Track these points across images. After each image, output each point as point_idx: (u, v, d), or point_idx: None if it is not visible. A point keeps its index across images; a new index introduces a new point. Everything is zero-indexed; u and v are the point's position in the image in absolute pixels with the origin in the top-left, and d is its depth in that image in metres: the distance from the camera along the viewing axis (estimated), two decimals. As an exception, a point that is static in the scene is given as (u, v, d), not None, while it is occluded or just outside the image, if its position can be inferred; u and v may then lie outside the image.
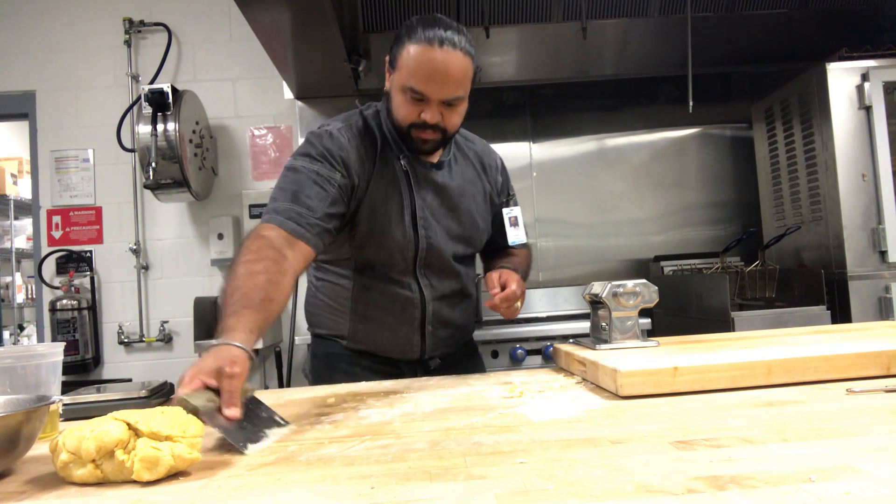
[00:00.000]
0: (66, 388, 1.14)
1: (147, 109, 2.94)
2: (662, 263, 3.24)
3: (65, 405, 1.09)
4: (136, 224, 3.35)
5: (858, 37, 2.87)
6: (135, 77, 3.38)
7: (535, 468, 0.67)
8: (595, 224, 3.45)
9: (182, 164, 2.96)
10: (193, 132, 3.09)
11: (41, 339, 3.39)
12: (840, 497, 0.54)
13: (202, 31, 3.41)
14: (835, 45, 2.75)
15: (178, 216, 3.37)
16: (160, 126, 2.93)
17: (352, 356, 1.48)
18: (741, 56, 3.28)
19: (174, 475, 0.72)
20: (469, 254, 1.54)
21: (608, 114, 3.49)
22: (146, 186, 3.02)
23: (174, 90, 2.99)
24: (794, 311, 2.47)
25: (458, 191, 1.48)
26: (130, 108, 3.29)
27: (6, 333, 4.89)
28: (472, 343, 1.67)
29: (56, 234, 3.35)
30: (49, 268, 3.32)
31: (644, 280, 1.27)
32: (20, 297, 5.45)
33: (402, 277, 1.43)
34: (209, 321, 3.16)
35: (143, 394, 1.14)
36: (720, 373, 1.01)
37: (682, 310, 2.76)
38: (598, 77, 3.39)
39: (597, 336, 1.33)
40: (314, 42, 2.59)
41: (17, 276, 5.38)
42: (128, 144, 3.27)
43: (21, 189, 5.05)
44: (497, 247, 1.61)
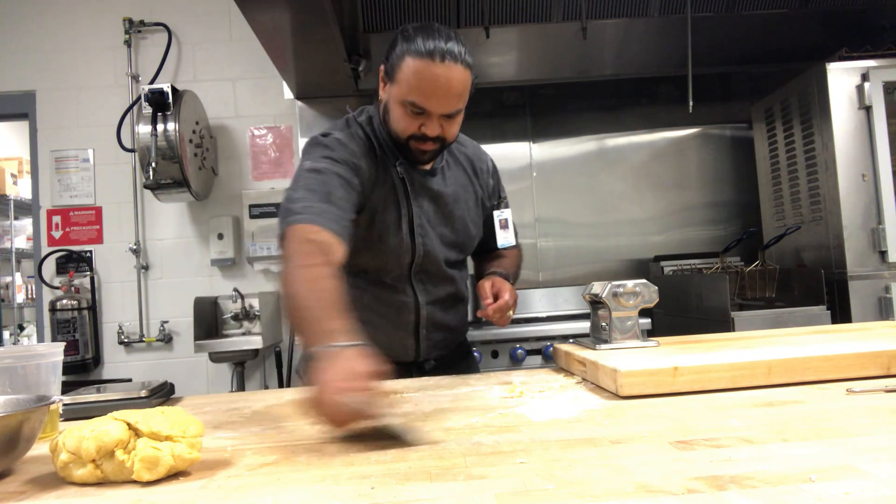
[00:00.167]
0: (66, 388, 1.14)
1: (147, 109, 2.94)
2: (662, 263, 3.24)
3: (65, 405, 1.09)
4: (136, 224, 3.35)
5: (858, 37, 2.87)
6: (135, 77, 3.38)
7: (535, 468, 0.67)
8: (595, 224, 3.45)
9: (182, 164, 2.96)
10: (193, 132, 3.09)
11: (41, 339, 3.39)
12: (840, 497, 0.54)
13: (202, 31, 3.41)
14: (835, 45, 2.75)
15: (178, 216, 3.37)
16: (160, 126, 2.93)
17: None
18: (741, 56, 3.28)
19: (174, 475, 0.72)
20: (462, 259, 1.56)
21: (608, 114, 3.49)
22: (146, 186, 3.02)
23: (174, 90, 2.99)
24: (794, 311, 2.47)
25: (453, 198, 1.48)
26: (130, 108, 3.29)
27: (6, 333, 4.89)
28: (466, 344, 1.68)
29: (56, 234, 3.34)
30: (49, 268, 3.32)
31: (644, 280, 1.27)
32: (20, 297, 5.45)
33: (397, 283, 1.43)
34: (209, 321, 3.16)
35: (143, 394, 1.14)
36: (720, 373, 1.01)
37: (682, 310, 2.76)
38: (598, 77, 3.39)
39: (597, 336, 1.33)
40: (314, 42, 2.59)
41: (17, 276, 5.38)
42: (128, 144, 3.27)
43: (21, 189, 5.05)
44: (487, 248, 1.62)
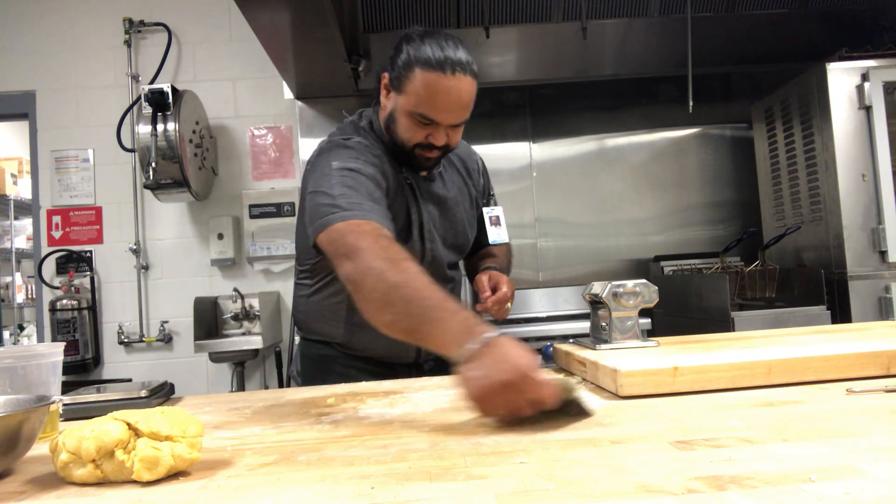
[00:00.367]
0: (66, 388, 1.14)
1: (147, 109, 2.94)
2: (662, 263, 3.24)
3: (65, 405, 1.09)
4: (136, 224, 3.35)
5: (858, 37, 2.87)
6: (135, 77, 3.38)
7: (535, 468, 0.67)
8: (595, 224, 3.45)
9: (182, 164, 2.96)
10: (193, 132, 3.09)
11: (41, 339, 3.39)
12: (840, 497, 0.53)
13: (202, 31, 3.41)
14: (835, 45, 2.75)
15: (178, 216, 3.37)
16: (160, 126, 2.93)
17: (346, 358, 1.49)
18: (741, 56, 3.28)
19: (174, 475, 0.71)
20: (460, 260, 1.58)
21: (608, 114, 3.49)
22: (146, 186, 3.02)
23: (174, 90, 2.99)
24: (794, 311, 2.47)
25: (453, 201, 1.50)
26: (130, 108, 3.29)
27: (6, 333, 4.88)
28: None
29: (56, 234, 3.34)
30: (49, 268, 3.32)
31: (644, 280, 1.27)
32: (20, 297, 5.45)
33: None
34: (209, 321, 3.16)
35: (143, 394, 1.14)
36: (720, 373, 1.01)
37: (682, 310, 2.76)
38: (598, 77, 3.39)
39: (597, 336, 1.33)
40: (314, 42, 2.60)
41: (17, 276, 5.38)
42: (128, 144, 3.27)
43: (21, 189, 5.05)
44: (478, 245, 1.63)
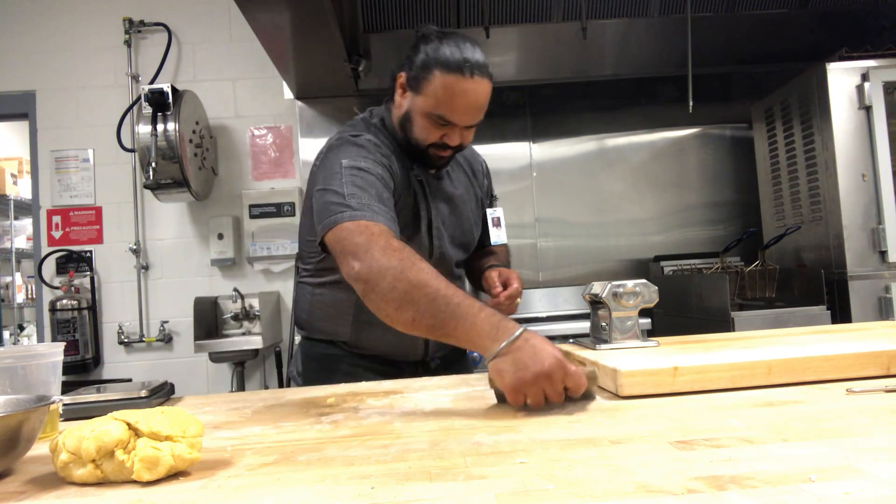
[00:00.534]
0: (66, 388, 1.14)
1: (147, 109, 2.94)
2: (662, 263, 3.24)
3: (65, 405, 1.09)
4: (136, 224, 3.35)
5: (858, 37, 2.87)
6: (135, 77, 3.38)
7: (535, 468, 0.67)
8: (595, 224, 3.45)
9: (182, 164, 2.96)
10: (193, 132, 3.09)
11: (41, 339, 3.39)
12: (840, 497, 0.53)
13: (202, 31, 3.41)
14: (835, 45, 2.75)
15: (178, 216, 3.37)
16: (160, 126, 2.93)
17: (352, 357, 1.48)
18: (741, 56, 3.28)
19: (174, 475, 0.71)
20: (465, 258, 1.59)
21: (608, 114, 3.49)
22: (146, 186, 3.02)
23: (174, 90, 2.99)
24: (794, 311, 2.47)
25: (461, 199, 1.52)
26: (130, 108, 3.29)
27: (6, 333, 4.88)
28: None
29: (56, 234, 3.34)
30: (49, 268, 3.32)
31: (644, 280, 1.27)
32: (20, 297, 5.45)
33: None
34: (209, 321, 3.16)
35: (143, 394, 1.14)
36: (720, 373, 1.01)
37: (682, 310, 2.76)
38: (598, 77, 3.39)
39: (597, 336, 1.33)
40: (314, 42, 2.60)
41: (17, 276, 5.38)
42: (128, 144, 3.27)
43: (21, 189, 5.05)
44: (478, 246, 1.65)
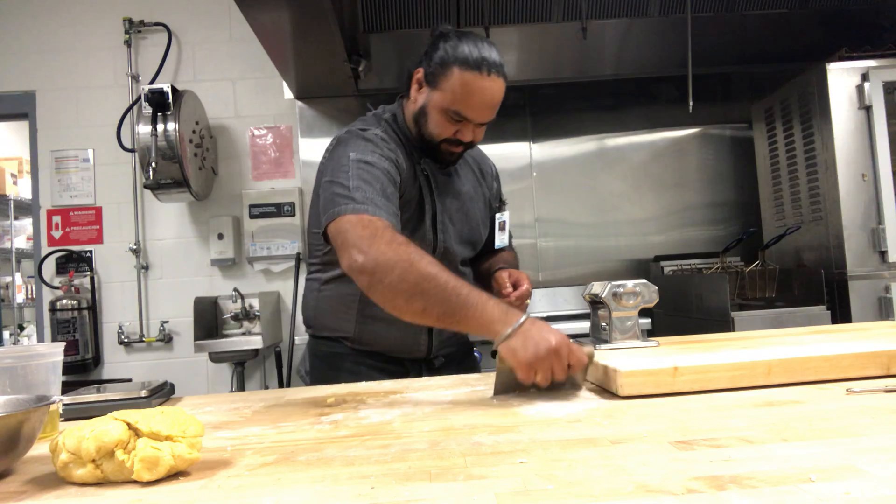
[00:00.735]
0: (66, 388, 1.14)
1: (147, 109, 2.94)
2: (662, 263, 3.24)
3: (65, 405, 1.09)
4: (136, 224, 3.35)
5: (858, 37, 2.87)
6: (135, 77, 3.38)
7: (535, 468, 0.67)
8: (595, 224, 3.45)
9: (182, 164, 2.96)
10: (193, 132, 3.09)
11: (41, 339, 3.39)
12: (840, 497, 0.53)
13: (202, 31, 3.41)
14: (835, 45, 2.75)
15: (178, 216, 3.37)
16: (160, 126, 2.93)
17: (356, 355, 1.49)
18: (741, 56, 3.28)
19: (174, 475, 0.71)
20: (472, 256, 1.59)
21: (608, 114, 3.49)
22: (146, 186, 3.02)
23: (174, 90, 2.99)
24: (794, 311, 2.47)
25: (469, 196, 1.53)
26: (130, 108, 3.29)
27: (6, 333, 4.89)
28: (468, 342, 1.71)
29: (56, 234, 3.34)
30: (49, 268, 3.32)
31: (644, 280, 1.27)
32: (20, 297, 5.45)
33: None
34: (209, 321, 3.16)
35: (143, 394, 1.14)
36: (720, 373, 1.01)
37: (682, 310, 2.76)
38: (598, 77, 3.39)
39: (597, 336, 1.33)
40: (314, 42, 2.59)
41: (17, 276, 5.38)
42: (128, 144, 3.27)
43: (21, 189, 5.06)
44: (486, 248, 1.65)
